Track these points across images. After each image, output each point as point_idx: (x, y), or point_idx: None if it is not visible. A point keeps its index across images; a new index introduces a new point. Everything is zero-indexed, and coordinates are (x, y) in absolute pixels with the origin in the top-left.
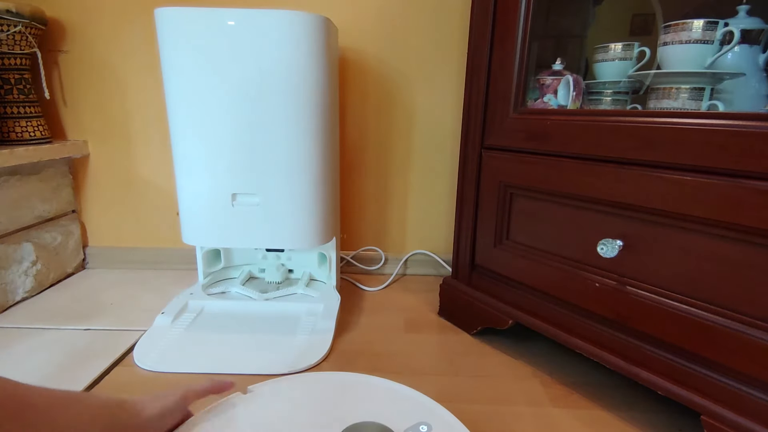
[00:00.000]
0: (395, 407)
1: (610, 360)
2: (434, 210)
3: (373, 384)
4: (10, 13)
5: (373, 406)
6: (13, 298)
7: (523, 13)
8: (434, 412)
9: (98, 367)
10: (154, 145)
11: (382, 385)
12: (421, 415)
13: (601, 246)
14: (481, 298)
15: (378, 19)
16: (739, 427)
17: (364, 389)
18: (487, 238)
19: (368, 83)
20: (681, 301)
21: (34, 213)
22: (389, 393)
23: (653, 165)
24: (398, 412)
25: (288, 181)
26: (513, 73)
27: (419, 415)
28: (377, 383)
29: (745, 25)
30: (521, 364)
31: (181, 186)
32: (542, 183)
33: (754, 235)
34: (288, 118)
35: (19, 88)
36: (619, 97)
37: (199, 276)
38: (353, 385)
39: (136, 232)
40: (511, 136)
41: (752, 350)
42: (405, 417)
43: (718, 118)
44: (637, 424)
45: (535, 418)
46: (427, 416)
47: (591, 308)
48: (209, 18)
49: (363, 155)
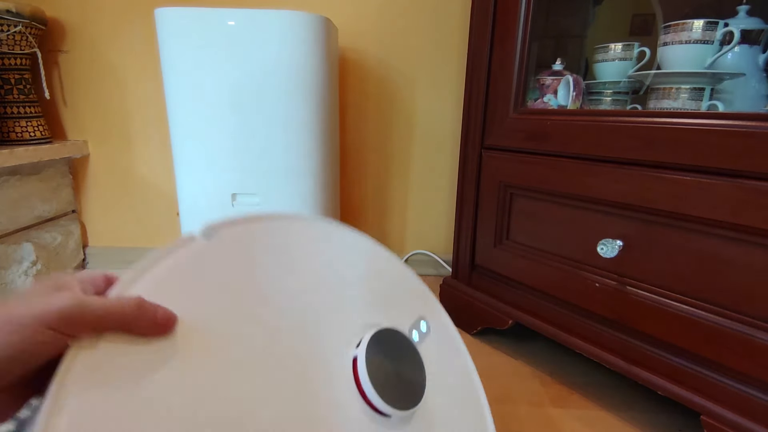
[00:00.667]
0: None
1: (610, 360)
2: (434, 210)
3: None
4: (10, 13)
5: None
6: None
7: (523, 13)
8: (431, 307)
9: None
10: (154, 145)
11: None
12: (420, 306)
13: (601, 246)
14: (481, 298)
15: (378, 19)
16: (739, 427)
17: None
18: (487, 238)
19: (368, 83)
20: (681, 301)
21: (34, 213)
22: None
23: (653, 165)
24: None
25: (288, 181)
26: (513, 73)
27: (419, 307)
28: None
29: (745, 26)
30: (521, 364)
31: (181, 186)
32: (542, 183)
33: (754, 235)
34: (288, 118)
35: (19, 88)
36: (619, 97)
37: None
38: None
39: (136, 232)
40: (511, 136)
41: (752, 350)
42: (408, 307)
43: (718, 118)
44: (637, 424)
45: (535, 418)
46: (426, 310)
47: (591, 308)
48: (209, 18)
49: (363, 155)
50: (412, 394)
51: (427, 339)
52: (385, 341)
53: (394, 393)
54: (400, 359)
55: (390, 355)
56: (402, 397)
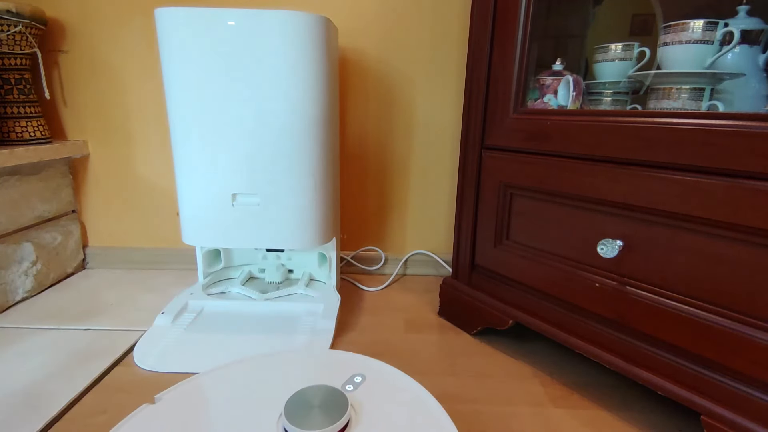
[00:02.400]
0: (325, 369)
1: (610, 360)
2: (434, 210)
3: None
4: (10, 13)
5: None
6: (13, 298)
7: (523, 13)
8: (367, 365)
9: (98, 367)
10: (154, 145)
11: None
12: (354, 368)
13: (601, 246)
14: (481, 298)
15: (378, 19)
16: (739, 427)
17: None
18: (487, 238)
19: (368, 83)
20: (681, 301)
21: (34, 213)
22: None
23: (653, 165)
24: (330, 373)
25: (288, 181)
26: (513, 73)
27: (352, 369)
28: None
29: (745, 26)
30: (521, 364)
31: (181, 186)
32: (542, 183)
33: (754, 235)
34: (288, 118)
35: (19, 88)
36: (619, 98)
37: (199, 276)
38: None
39: (136, 232)
40: (511, 136)
41: (752, 350)
42: (339, 374)
43: (718, 119)
44: (637, 424)
45: (535, 418)
46: (360, 369)
47: (591, 308)
48: (209, 18)
49: (363, 155)
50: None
51: (363, 386)
52: (309, 395)
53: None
54: (322, 401)
55: (311, 402)
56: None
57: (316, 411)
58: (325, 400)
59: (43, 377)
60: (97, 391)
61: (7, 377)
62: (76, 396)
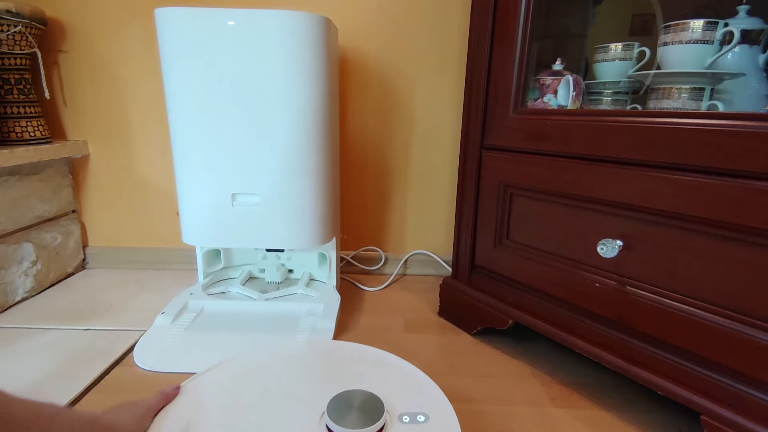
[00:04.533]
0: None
1: (610, 360)
2: (434, 210)
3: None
4: (10, 13)
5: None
6: (13, 298)
7: (523, 13)
8: (435, 399)
9: (98, 367)
10: (154, 145)
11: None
12: (420, 399)
13: (601, 246)
14: (481, 298)
15: (378, 18)
16: (739, 427)
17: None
18: (487, 238)
19: (368, 83)
20: (681, 301)
21: (34, 213)
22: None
23: (653, 165)
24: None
25: (288, 181)
26: (513, 73)
27: (418, 399)
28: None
29: (745, 25)
30: (521, 364)
31: (181, 186)
32: (542, 183)
33: (754, 235)
34: (288, 118)
35: (19, 88)
36: (619, 97)
37: (199, 276)
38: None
39: (136, 232)
40: (511, 136)
41: (752, 350)
42: (403, 394)
43: (717, 118)
44: (637, 424)
45: (535, 418)
46: (426, 404)
47: (591, 308)
48: (209, 18)
49: (363, 155)
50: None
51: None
52: (349, 397)
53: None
54: (361, 403)
55: (351, 403)
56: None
57: (355, 412)
58: (364, 402)
59: (43, 377)
60: (97, 391)
61: (7, 377)
62: (76, 396)
